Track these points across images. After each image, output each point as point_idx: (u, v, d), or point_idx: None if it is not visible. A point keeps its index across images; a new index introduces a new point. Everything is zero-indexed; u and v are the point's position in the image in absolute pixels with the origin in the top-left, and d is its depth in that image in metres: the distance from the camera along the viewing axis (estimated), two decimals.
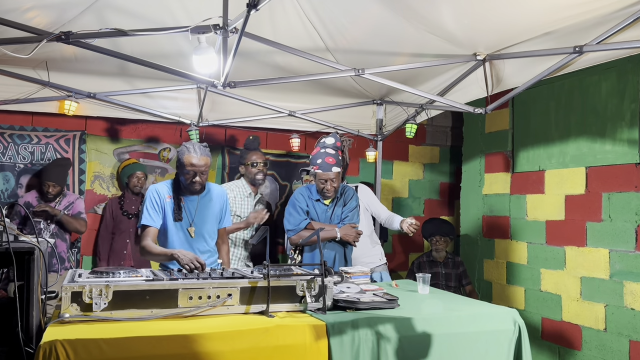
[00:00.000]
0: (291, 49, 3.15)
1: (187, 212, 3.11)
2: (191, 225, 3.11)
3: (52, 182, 4.37)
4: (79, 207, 4.57)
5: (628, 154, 3.99)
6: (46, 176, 4.41)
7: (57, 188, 4.40)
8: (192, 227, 3.11)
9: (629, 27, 2.69)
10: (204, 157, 3.02)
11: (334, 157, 3.45)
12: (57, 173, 4.45)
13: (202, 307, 2.21)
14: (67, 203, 4.51)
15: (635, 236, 3.89)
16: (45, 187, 4.36)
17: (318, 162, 3.45)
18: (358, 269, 3.20)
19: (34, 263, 1.95)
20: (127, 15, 3.08)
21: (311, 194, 3.57)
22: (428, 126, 6.37)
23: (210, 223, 3.21)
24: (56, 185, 4.39)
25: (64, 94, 4.12)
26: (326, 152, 3.46)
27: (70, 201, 4.54)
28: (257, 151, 4.48)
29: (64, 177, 4.53)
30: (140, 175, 4.85)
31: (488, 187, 5.35)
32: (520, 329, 2.49)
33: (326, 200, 3.56)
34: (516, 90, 3.58)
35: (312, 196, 3.56)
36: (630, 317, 3.87)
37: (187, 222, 3.11)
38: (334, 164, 3.42)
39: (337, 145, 3.52)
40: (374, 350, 2.22)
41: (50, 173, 4.43)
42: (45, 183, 4.37)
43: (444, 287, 4.75)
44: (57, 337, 1.83)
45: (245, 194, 4.26)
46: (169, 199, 3.08)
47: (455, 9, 2.91)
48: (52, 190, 4.37)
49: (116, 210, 4.83)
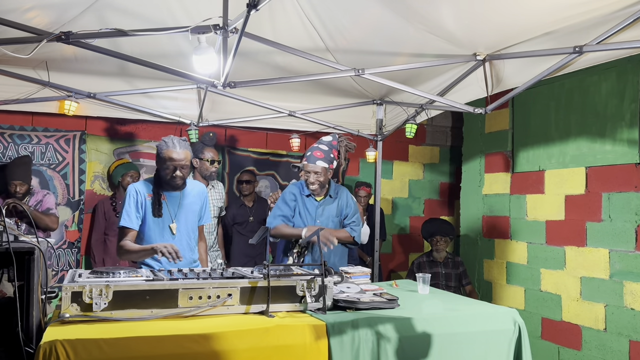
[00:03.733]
0: (291, 49, 3.15)
1: (168, 208, 3.07)
2: (173, 222, 3.07)
3: (18, 181, 4.18)
4: (48, 203, 4.39)
5: (628, 154, 3.99)
6: (10, 176, 4.19)
7: (25, 186, 4.22)
8: (174, 223, 3.07)
9: (629, 27, 2.69)
10: (183, 150, 2.99)
11: (324, 152, 3.46)
12: (22, 171, 4.25)
13: (202, 307, 2.21)
14: (35, 202, 4.34)
15: (635, 236, 3.89)
16: (12, 187, 4.16)
17: (307, 154, 3.50)
18: (358, 269, 3.20)
19: (34, 263, 1.95)
20: (127, 15, 3.08)
21: (303, 190, 3.58)
22: (428, 126, 6.37)
23: (192, 220, 3.18)
24: (23, 183, 4.20)
25: (64, 94, 4.11)
26: (318, 147, 3.50)
27: (38, 199, 4.37)
28: (213, 148, 4.57)
29: (29, 175, 4.33)
30: (134, 174, 4.80)
31: (488, 187, 5.35)
32: (520, 329, 2.49)
33: (317, 196, 3.56)
34: (516, 90, 3.58)
35: (304, 192, 3.57)
36: (630, 317, 3.87)
37: (168, 218, 3.07)
38: (321, 158, 3.44)
39: (332, 143, 3.53)
40: (374, 350, 2.22)
41: (14, 172, 4.21)
42: (11, 183, 4.16)
43: (444, 287, 4.75)
44: (57, 337, 1.83)
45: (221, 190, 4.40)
46: (150, 197, 3.04)
47: (455, 9, 2.91)
48: (20, 189, 4.19)
49: (109, 211, 4.76)
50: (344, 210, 3.60)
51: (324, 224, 3.52)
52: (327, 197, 3.57)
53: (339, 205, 3.59)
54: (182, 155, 2.98)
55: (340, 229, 3.60)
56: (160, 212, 3.02)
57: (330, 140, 3.56)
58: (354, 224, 3.59)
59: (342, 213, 3.61)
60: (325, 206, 3.56)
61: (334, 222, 3.58)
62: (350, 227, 3.59)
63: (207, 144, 4.58)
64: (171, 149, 2.97)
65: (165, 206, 3.06)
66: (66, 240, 4.89)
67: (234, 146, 5.55)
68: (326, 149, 3.50)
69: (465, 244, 5.63)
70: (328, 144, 3.53)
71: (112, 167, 4.97)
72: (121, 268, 2.36)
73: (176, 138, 3.03)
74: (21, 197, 4.24)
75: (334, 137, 3.59)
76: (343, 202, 3.60)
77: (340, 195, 3.62)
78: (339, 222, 3.60)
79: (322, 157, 3.45)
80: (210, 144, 4.62)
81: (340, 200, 3.60)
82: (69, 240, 4.91)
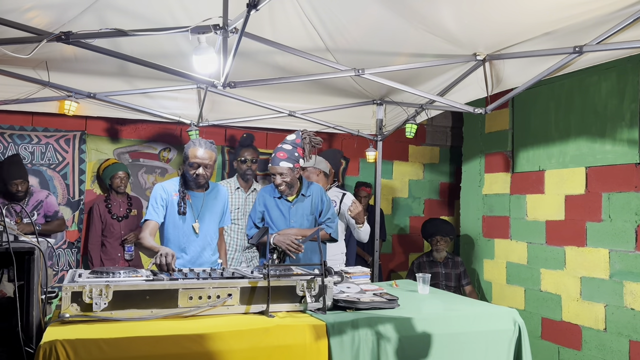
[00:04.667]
0: (291, 49, 3.15)
1: (192, 208, 3.15)
2: (196, 221, 3.15)
3: (19, 180, 4.14)
4: (53, 206, 4.40)
5: (628, 154, 3.99)
6: (9, 176, 4.14)
7: (25, 184, 4.19)
8: (196, 223, 3.15)
9: (629, 27, 2.69)
10: (208, 150, 3.10)
11: (287, 152, 3.40)
12: (18, 170, 4.20)
13: (202, 307, 2.21)
14: (35, 202, 4.32)
15: (635, 236, 3.89)
16: (13, 187, 4.12)
17: (272, 156, 3.45)
18: (358, 269, 3.20)
19: (34, 263, 1.95)
20: (127, 15, 3.08)
21: (274, 192, 3.53)
22: (428, 126, 6.37)
23: (214, 221, 3.26)
24: (24, 181, 4.17)
25: (64, 94, 4.11)
26: (281, 147, 3.43)
27: (39, 199, 4.34)
28: (250, 148, 4.65)
29: (26, 172, 4.28)
30: (122, 175, 4.75)
31: (488, 187, 5.35)
32: (520, 329, 2.49)
33: (288, 196, 3.53)
34: (516, 90, 3.58)
35: (275, 194, 3.53)
36: (630, 317, 3.87)
37: (192, 217, 3.15)
38: (284, 158, 3.39)
39: (296, 141, 3.46)
40: (374, 350, 2.22)
41: (12, 172, 4.16)
42: (12, 183, 4.12)
43: (444, 287, 4.75)
44: (57, 337, 1.83)
45: (232, 189, 4.42)
46: (176, 196, 3.13)
47: (455, 9, 2.91)
48: (21, 187, 4.15)
49: (104, 213, 4.74)
50: (318, 207, 3.54)
51: (298, 223, 3.47)
52: (299, 196, 3.54)
53: (313, 202, 3.53)
54: (205, 154, 3.09)
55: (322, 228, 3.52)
56: (185, 211, 3.11)
57: (294, 138, 3.48)
58: (329, 221, 3.53)
59: (316, 210, 3.54)
60: (298, 205, 3.52)
61: (308, 221, 3.52)
62: (326, 224, 3.52)
63: (244, 145, 4.70)
64: (196, 147, 3.09)
65: (189, 206, 3.14)
66: (66, 240, 4.89)
67: (234, 146, 5.55)
68: (290, 149, 3.43)
69: (465, 244, 5.63)
70: (292, 142, 3.46)
71: (101, 168, 4.90)
72: (121, 268, 2.36)
73: (202, 139, 3.17)
74: (22, 196, 4.22)
75: (297, 135, 3.51)
76: (316, 199, 3.54)
77: (313, 192, 3.56)
78: (314, 220, 3.54)
79: (286, 158, 3.39)
80: (245, 144, 4.72)
81: (314, 197, 3.54)
82: (69, 240, 4.91)
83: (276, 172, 3.41)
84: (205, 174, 3.11)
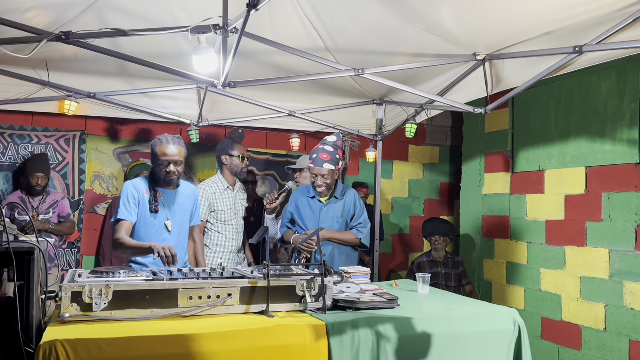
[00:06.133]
0: (291, 49, 3.15)
1: (164, 206, 3.10)
2: (169, 219, 3.10)
3: (41, 174, 4.34)
4: (67, 209, 4.53)
5: (628, 154, 3.99)
6: (33, 169, 4.38)
7: (46, 180, 4.38)
8: (169, 221, 3.10)
9: (629, 27, 2.69)
10: (177, 147, 3.04)
11: (330, 154, 3.44)
12: (43, 165, 4.43)
13: (202, 307, 2.21)
14: (52, 201, 4.46)
15: (635, 236, 3.89)
16: (34, 180, 4.32)
17: (313, 157, 3.48)
18: (358, 269, 3.20)
19: (34, 263, 1.95)
20: (127, 15, 3.08)
21: (309, 192, 3.60)
22: (428, 126, 6.37)
23: (185, 219, 3.23)
24: (45, 176, 4.37)
25: (64, 94, 4.11)
26: (323, 149, 3.47)
27: (55, 199, 4.49)
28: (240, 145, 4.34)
29: (49, 170, 4.51)
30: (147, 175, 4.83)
31: (488, 187, 5.35)
32: (520, 328, 2.49)
33: (322, 197, 3.55)
34: (516, 90, 3.58)
35: (309, 193, 3.59)
36: (630, 317, 3.87)
37: (164, 215, 3.10)
38: (328, 160, 3.42)
39: (337, 144, 3.52)
40: (374, 350, 2.22)
41: (36, 165, 4.40)
42: (33, 175, 4.33)
43: (444, 287, 4.75)
44: (57, 337, 1.83)
45: (222, 189, 4.06)
46: (147, 194, 3.07)
47: (455, 9, 2.91)
48: (42, 182, 4.34)
49: None
50: (351, 211, 3.57)
51: (328, 225, 3.50)
52: (332, 198, 3.56)
53: (345, 206, 3.55)
54: (175, 151, 3.03)
55: (345, 231, 3.58)
56: (157, 208, 3.06)
57: (335, 140, 3.52)
58: (360, 226, 3.55)
59: (348, 214, 3.57)
60: (329, 207, 3.55)
61: (338, 223, 3.54)
62: (357, 229, 3.54)
63: (237, 141, 4.34)
64: (165, 144, 3.03)
65: (161, 203, 3.09)
66: (66, 240, 4.89)
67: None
68: (331, 150, 3.46)
69: (465, 244, 5.63)
70: (333, 144, 3.50)
71: (129, 168, 5.07)
72: (121, 268, 2.36)
73: (170, 136, 3.09)
74: (40, 191, 4.39)
75: (338, 137, 3.55)
76: (350, 203, 3.57)
77: (347, 196, 3.58)
78: (344, 223, 3.56)
79: (329, 160, 3.42)
80: (239, 140, 4.40)
81: (347, 201, 3.56)
82: (69, 240, 4.91)
83: (319, 173, 3.42)
84: (177, 170, 3.06)
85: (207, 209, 3.92)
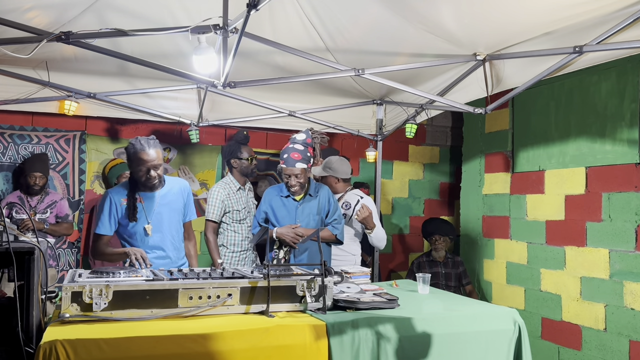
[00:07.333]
0: (291, 49, 3.15)
1: (144, 210, 3.06)
2: (148, 223, 3.06)
3: (38, 173, 4.33)
4: (66, 209, 4.52)
5: (628, 154, 3.99)
6: (31, 168, 4.37)
7: (44, 179, 4.37)
8: (149, 224, 3.06)
9: (629, 27, 2.69)
10: (154, 150, 2.96)
11: (301, 152, 3.41)
12: (42, 165, 4.43)
13: (202, 307, 2.21)
14: (50, 201, 4.45)
15: (635, 236, 3.89)
16: (32, 179, 4.32)
17: (284, 156, 3.44)
18: (358, 269, 3.20)
19: (34, 263, 1.95)
20: (127, 15, 3.08)
21: (281, 191, 3.57)
22: (428, 126, 6.37)
23: (175, 219, 3.18)
24: (43, 176, 4.36)
25: (64, 94, 4.11)
26: (294, 147, 3.43)
27: (54, 200, 4.47)
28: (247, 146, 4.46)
29: (47, 169, 4.51)
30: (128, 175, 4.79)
31: (488, 187, 5.35)
32: (520, 328, 2.49)
33: (296, 196, 3.54)
34: (516, 90, 3.58)
35: (282, 192, 3.55)
36: (630, 317, 3.87)
37: (144, 220, 3.06)
38: (299, 159, 3.40)
39: (307, 141, 3.47)
40: (374, 350, 2.22)
41: (34, 165, 4.39)
42: (31, 175, 4.33)
43: (444, 287, 4.75)
44: (57, 337, 1.83)
45: (234, 189, 4.20)
46: (125, 202, 3.04)
47: (455, 9, 2.91)
48: (39, 181, 4.33)
49: None
50: (325, 208, 3.55)
51: (304, 223, 3.48)
52: (307, 196, 3.55)
53: (320, 203, 3.54)
54: (153, 155, 2.94)
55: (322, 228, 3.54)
56: (135, 217, 3.02)
57: (305, 138, 3.48)
58: (335, 222, 3.55)
59: (323, 211, 3.56)
60: (305, 205, 3.53)
61: (314, 221, 3.53)
62: (332, 225, 3.54)
63: (243, 143, 4.46)
64: (141, 150, 2.93)
65: (141, 208, 3.04)
66: (66, 240, 4.88)
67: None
68: (302, 149, 3.43)
69: (465, 244, 5.63)
70: (303, 142, 3.46)
71: (107, 168, 4.94)
72: (121, 268, 2.36)
73: (144, 138, 2.99)
74: (38, 190, 4.37)
75: (307, 134, 3.51)
76: (324, 200, 3.55)
77: (321, 193, 3.56)
78: (320, 220, 3.55)
79: (300, 159, 3.39)
80: (245, 142, 4.51)
81: (321, 198, 3.55)
82: (69, 240, 4.90)
83: (292, 173, 3.40)
84: (157, 174, 2.99)
85: (222, 211, 3.97)
